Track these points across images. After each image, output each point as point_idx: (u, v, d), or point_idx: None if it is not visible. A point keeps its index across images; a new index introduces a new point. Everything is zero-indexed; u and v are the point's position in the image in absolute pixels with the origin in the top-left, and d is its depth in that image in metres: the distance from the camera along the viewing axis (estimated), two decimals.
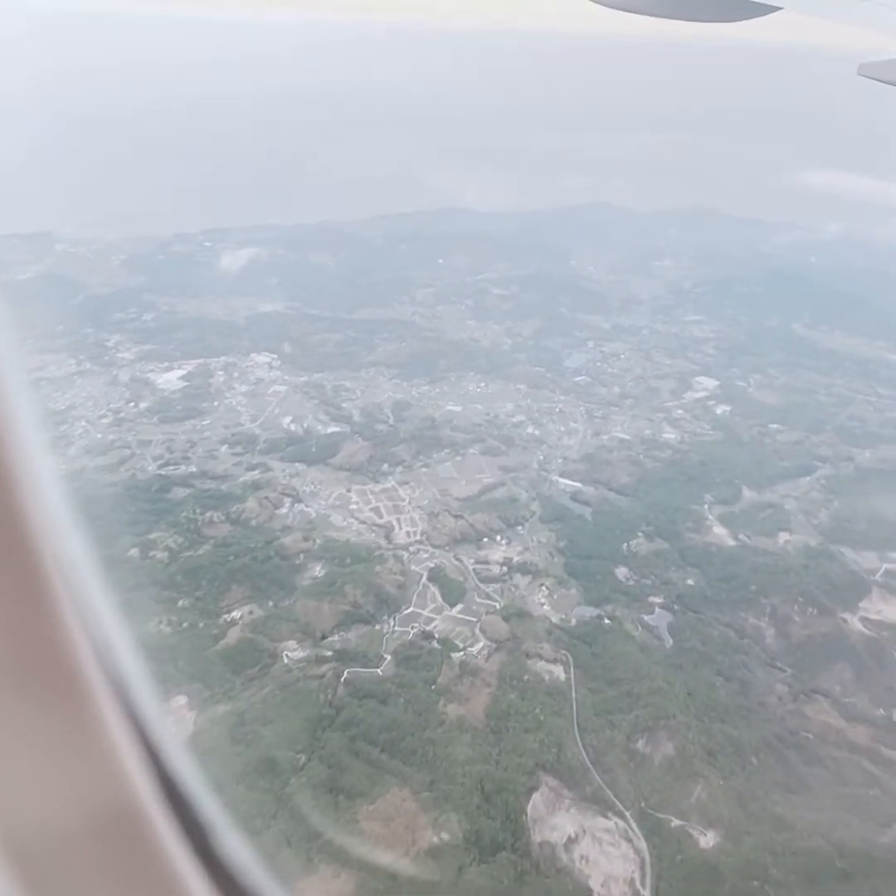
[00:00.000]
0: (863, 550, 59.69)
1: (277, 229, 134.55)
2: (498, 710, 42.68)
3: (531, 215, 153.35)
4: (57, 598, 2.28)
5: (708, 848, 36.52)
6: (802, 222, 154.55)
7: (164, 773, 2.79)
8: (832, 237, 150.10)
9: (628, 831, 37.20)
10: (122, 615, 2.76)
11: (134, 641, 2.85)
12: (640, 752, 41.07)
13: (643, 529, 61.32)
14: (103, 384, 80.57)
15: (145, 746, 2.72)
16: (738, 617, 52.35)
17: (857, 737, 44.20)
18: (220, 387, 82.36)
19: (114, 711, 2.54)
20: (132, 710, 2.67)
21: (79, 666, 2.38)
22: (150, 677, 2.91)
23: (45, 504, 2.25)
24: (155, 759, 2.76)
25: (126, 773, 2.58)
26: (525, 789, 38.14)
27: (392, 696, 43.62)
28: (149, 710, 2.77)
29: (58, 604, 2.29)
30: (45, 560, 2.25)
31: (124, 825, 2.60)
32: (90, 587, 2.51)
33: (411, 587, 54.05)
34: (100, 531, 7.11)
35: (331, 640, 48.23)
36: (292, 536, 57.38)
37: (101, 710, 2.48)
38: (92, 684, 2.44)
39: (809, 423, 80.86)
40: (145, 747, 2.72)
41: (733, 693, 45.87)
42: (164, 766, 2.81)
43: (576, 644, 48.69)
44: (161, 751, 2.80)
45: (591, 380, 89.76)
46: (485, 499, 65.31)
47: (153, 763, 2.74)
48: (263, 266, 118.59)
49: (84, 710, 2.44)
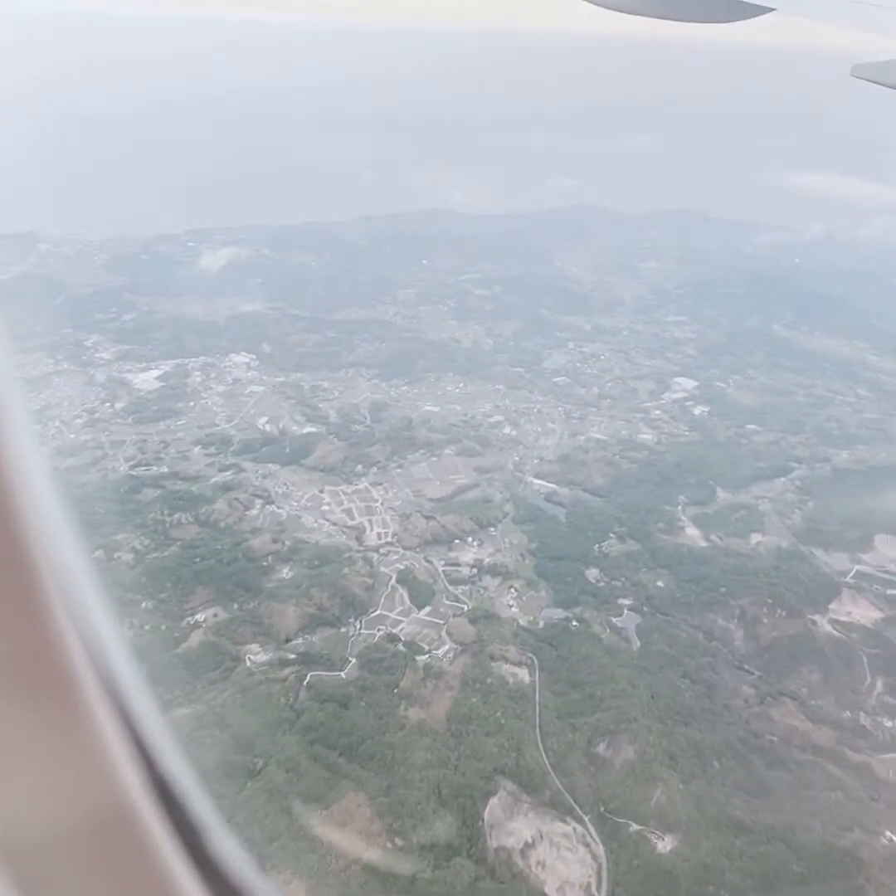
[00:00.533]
0: (835, 552, 59.59)
1: (263, 230, 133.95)
2: (459, 714, 42.35)
3: (518, 217, 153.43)
4: (49, 597, 2.26)
5: (665, 852, 36.23)
6: (789, 224, 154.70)
7: (155, 772, 2.77)
8: (817, 238, 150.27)
9: (586, 836, 36.90)
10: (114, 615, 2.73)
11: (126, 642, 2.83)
12: (600, 755, 40.77)
13: (615, 531, 61.08)
14: (80, 384, 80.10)
15: (137, 746, 2.68)
16: (706, 619, 52.13)
17: (822, 739, 44.03)
18: (197, 387, 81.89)
19: (106, 711, 2.51)
20: (124, 710, 2.64)
21: (70, 666, 2.35)
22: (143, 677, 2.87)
23: (36, 503, 2.22)
24: (147, 759, 2.73)
25: (118, 772, 2.56)
26: (482, 794, 37.80)
27: (353, 699, 43.24)
28: (141, 709, 2.75)
29: (50, 603, 2.27)
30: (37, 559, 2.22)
31: (116, 825, 2.59)
32: (82, 587, 2.47)
33: (380, 589, 53.70)
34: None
35: (295, 644, 47.84)
36: (261, 538, 56.99)
37: (92, 709, 2.45)
38: (83, 684, 2.40)
39: (787, 423, 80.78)
40: (137, 747, 2.68)
41: (698, 696, 45.62)
42: (156, 766, 2.78)
43: (542, 647, 48.38)
44: (153, 751, 2.78)
45: (570, 380, 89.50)
46: (458, 500, 64.99)
47: (145, 763, 2.71)
48: (246, 266, 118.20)
49: (76, 709, 2.41)
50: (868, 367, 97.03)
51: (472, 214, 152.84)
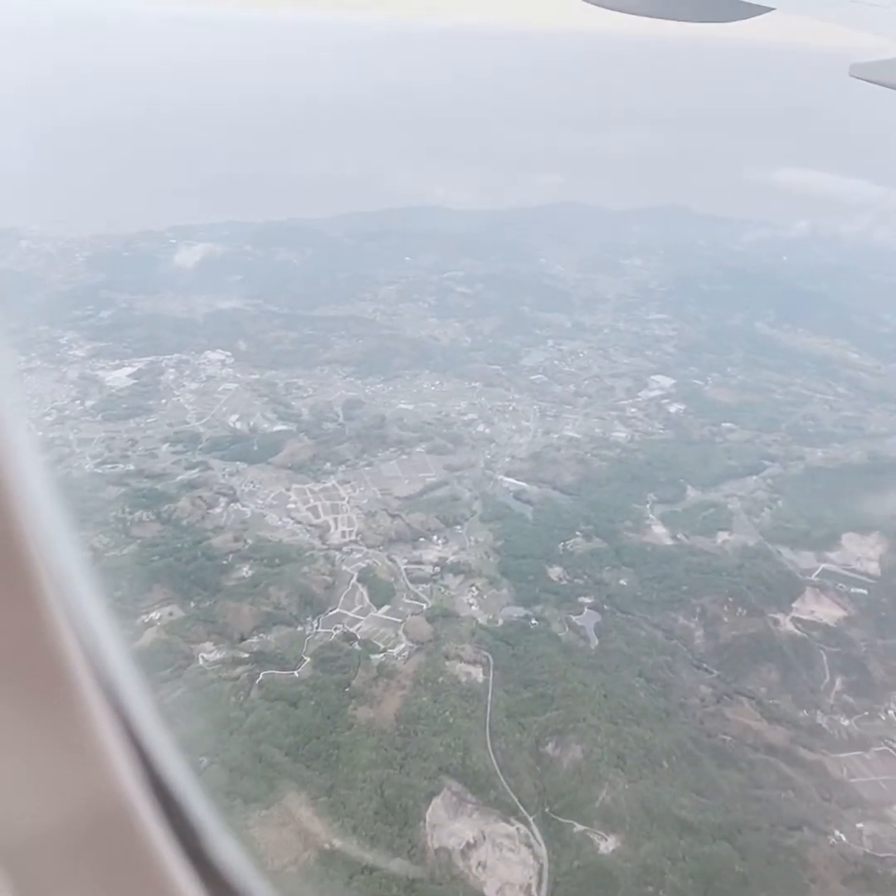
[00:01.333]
0: (801, 550, 59.27)
1: (247, 226, 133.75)
2: (408, 713, 42.05)
3: (503, 213, 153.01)
4: (47, 600, 2.25)
5: (607, 853, 35.95)
6: (776, 220, 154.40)
7: (154, 774, 2.75)
8: (802, 234, 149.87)
9: (529, 837, 36.63)
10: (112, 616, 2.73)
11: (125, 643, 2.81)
12: (549, 755, 40.47)
13: (582, 529, 60.74)
14: (51, 382, 79.76)
15: (135, 748, 2.67)
16: (667, 617, 51.81)
17: (777, 739, 43.76)
18: (170, 385, 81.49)
19: (103, 712, 2.50)
20: (122, 711, 2.63)
21: (68, 667, 2.34)
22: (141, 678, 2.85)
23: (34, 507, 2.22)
24: (145, 761, 2.71)
25: (115, 773, 2.54)
26: (426, 794, 37.53)
27: (304, 698, 42.95)
28: (138, 711, 2.73)
29: (48, 606, 2.25)
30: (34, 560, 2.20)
31: (113, 826, 2.57)
32: (79, 588, 2.46)
33: (340, 588, 53.38)
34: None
35: (250, 642, 47.52)
36: (223, 537, 56.66)
37: (90, 710, 2.44)
38: (80, 684, 2.39)
39: (763, 421, 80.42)
40: (135, 749, 2.67)
41: (653, 695, 45.30)
42: (154, 768, 2.77)
43: (498, 645, 48.04)
44: (151, 753, 2.76)
45: (547, 378, 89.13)
46: (426, 498, 64.63)
47: (143, 764, 2.70)
48: (227, 263, 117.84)
49: (73, 710, 2.40)
50: (848, 364, 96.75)
51: (458, 211, 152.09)
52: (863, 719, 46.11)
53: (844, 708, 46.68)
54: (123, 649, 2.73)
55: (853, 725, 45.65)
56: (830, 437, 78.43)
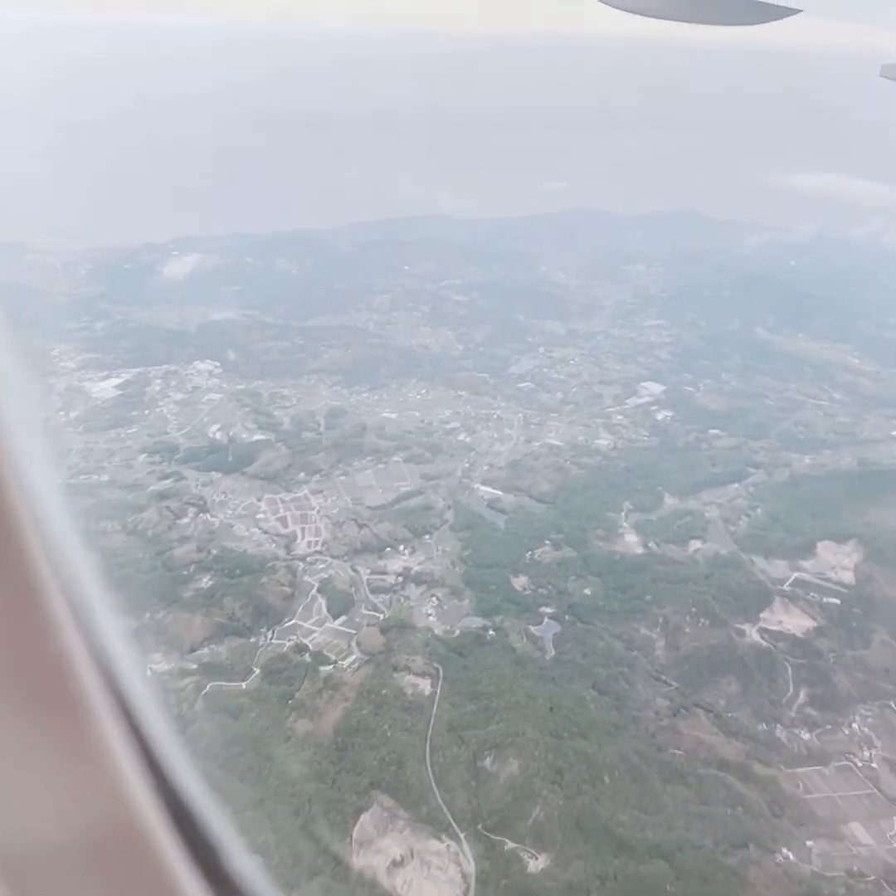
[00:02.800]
0: (775, 559, 57.84)
1: (250, 238, 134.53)
2: (347, 726, 41.34)
3: (508, 221, 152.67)
4: (57, 610, 2.17)
5: (535, 872, 34.95)
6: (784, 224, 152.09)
7: (169, 789, 2.67)
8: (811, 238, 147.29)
9: (459, 854, 35.74)
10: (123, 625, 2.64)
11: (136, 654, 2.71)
12: (486, 770, 39.56)
13: (552, 537, 59.79)
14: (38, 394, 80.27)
15: (150, 762, 2.59)
16: (628, 628, 50.70)
17: (731, 753, 42.54)
18: (155, 395, 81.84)
19: (115, 724, 2.43)
20: (135, 723, 2.55)
21: (79, 678, 2.26)
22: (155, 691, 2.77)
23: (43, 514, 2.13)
24: (160, 776, 2.63)
25: (128, 786, 2.46)
26: (354, 810, 36.80)
27: (245, 710, 42.47)
28: (152, 723, 2.64)
29: (58, 617, 2.17)
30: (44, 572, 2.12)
31: (126, 840, 2.50)
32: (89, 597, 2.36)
33: (300, 598, 52.92)
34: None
35: (199, 653, 47.17)
36: (186, 547, 56.47)
37: (102, 722, 2.36)
38: (92, 696, 2.32)
39: (752, 428, 78.88)
40: (150, 763, 2.59)
41: (605, 708, 44.18)
42: (170, 783, 2.68)
43: (451, 656, 47.21)
44: (166, 767, 2.67)
45: (534, 386, 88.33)
46: (398, 507, 64.04)
47: (158, 779, 2.61)
48: (226, 274, 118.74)
49: (84, 722, 2.32)
50: (848, 369, 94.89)
51: (463, 219, 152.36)
52: (824, 733, 44.74)
53: (806, 721, 45.31)
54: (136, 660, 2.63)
55: (814, 740, 44.32)
56: (821, 443, 76.75)
